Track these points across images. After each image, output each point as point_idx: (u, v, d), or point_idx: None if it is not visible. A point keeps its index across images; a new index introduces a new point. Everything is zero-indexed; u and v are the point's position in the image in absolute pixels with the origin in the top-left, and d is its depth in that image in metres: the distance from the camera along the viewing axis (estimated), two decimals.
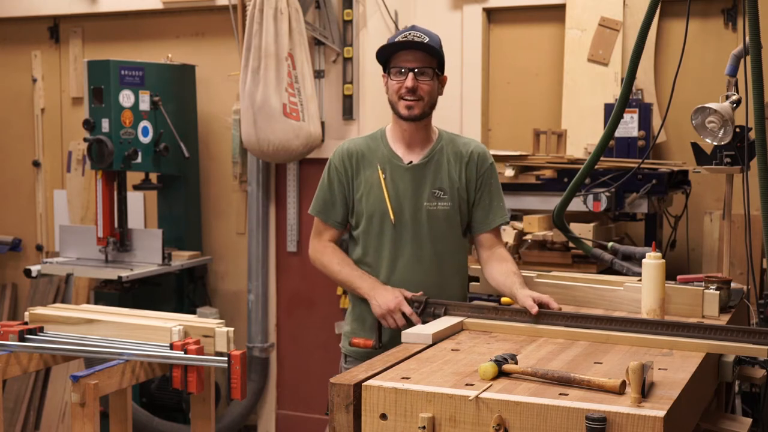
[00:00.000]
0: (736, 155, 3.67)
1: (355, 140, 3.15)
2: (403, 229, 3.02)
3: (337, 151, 3.12)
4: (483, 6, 5.09)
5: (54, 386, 5.72)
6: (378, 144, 3.09)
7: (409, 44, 2.93)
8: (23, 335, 3.22)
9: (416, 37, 2.93)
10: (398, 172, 3.03)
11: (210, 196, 5.74)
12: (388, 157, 3.06)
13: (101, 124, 4.95)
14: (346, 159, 3.07)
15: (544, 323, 2.66)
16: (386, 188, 3.01)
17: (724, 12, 4.72)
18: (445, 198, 3.03)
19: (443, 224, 3.04)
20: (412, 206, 3.02)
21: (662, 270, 2.73)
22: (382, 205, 3.01)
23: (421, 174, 3.03)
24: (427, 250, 3.03)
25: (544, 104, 5.09)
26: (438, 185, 3.03)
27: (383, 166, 3.04)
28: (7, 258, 6.40)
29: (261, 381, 5.35)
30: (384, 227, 3.03)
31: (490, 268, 3.05)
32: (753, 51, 2.69)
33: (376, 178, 3.03)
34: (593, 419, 1.87)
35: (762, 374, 2.80)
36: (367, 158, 3.06)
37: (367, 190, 3.04)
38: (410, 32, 2.95)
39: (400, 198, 3.02)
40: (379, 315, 2.93)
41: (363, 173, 3.06)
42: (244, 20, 4.90)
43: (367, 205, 3.04)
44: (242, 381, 3.02)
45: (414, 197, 3.02)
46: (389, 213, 3.00)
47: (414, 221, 3.02)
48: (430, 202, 3.02)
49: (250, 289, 5.32)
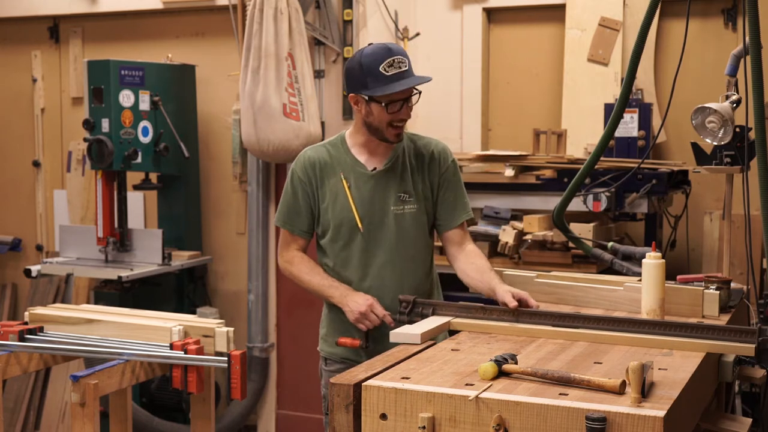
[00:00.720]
0: (736, 155, 3.67)
1: (316, 148, 3.11)
2: (372, 236, 3.02)
3: (299, 161, 3.09)
4: (483, 6, 5.09)
5: (54, 386, 5.72)
6: (339, 152, 3.07)
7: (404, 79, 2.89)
8: (23, 335, 3.22)
9: (402, 64, 2.88)
10: (362, 179, 3.02)
11: (210, 196, 5.74)
12: (351, 165, 3.04)
13: (101, 124, 4.95)
14: (309, 168, 3.05)
15: (537, 323, 2.66)
16: (351, 197, 3.01)
17: (724, 12, 4.72)
18: (411, 201, 3.04)
19: (411, 227, 3.05)
20: (379, 212, 3.02)
21: (662, 270, 2.73)
22: (348, 214, 3.01)
23: (385, 179, 3.03)
24: (397, 254, 3.03)
25: (544, 104, 5.09)
26: (403, 189, 3.03)
27: (347, 174, 3.03)
28: (7, 258, 6.40)
29: (261, 381, 5.35)
30: (352, 235, 3.03)
31: (462, 265, 3.05)
32: (753, 51, 2.68)
33: (341, 187, 3.02)
34: (593, 419, 1.87)
35: (762, 374, 2.80)
36: (330, 167, 3.05)
37: (333, 199, 3.03)
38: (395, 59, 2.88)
39: (366, 205, 3.01)
40: (353, 320, 2.95)
41: (327, 182, 3.04)
42: (244, 20, 4.90)
43: (333, 215, 3.03)
44: (242, 381, 3.03)
45: (380, 203, 3.02)
46: (356, 221, 3.00)
47: (382, 227, 3.02)
48: (397, 206, 3.02)
49: (250, 289, 5.32)
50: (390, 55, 2.88)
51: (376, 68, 2.87)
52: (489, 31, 5.21)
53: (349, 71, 2.95)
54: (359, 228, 3.01)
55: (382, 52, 2.89)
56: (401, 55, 2.90)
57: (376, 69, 2.87)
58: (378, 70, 2.87)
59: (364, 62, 2.89)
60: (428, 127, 4.96)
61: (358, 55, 2.93)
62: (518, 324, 2.68)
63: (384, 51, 2.89)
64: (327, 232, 3.07)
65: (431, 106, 5.20)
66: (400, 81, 2.88)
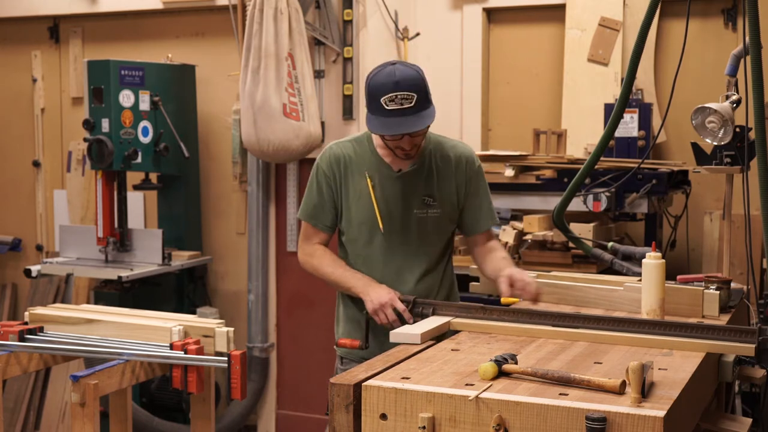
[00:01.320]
0: (736, 155, 3.67)
1: (342, 144, 3.09)
2: (393, 237, 3.01)
3: (325, 155, 3.07)
4: (483, 6, 5.09)
5: (54, 386, 5.72)
6: (365, 149, 3.04)
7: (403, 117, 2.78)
8: (23, 335, 3.22)
9: (405, 101, 2.76)
10: (387, 180, 3.00)
11: (210, 196, 5.74)
12: (376, 164, 3.02)
13: (101, 124, 4.95)
14: (334, 164, 3.03)
15: (537, 323, 2.66)
16: (375, 197, 2.98)
17: (724, 12, 4.72)
18: (435, 204, 3.02)
19: (433, 231, 3.03)
20: (402, 214, 3.00)
21: (662, 270, 2.73)
22: (371, 214, 2.99)
23: (410, 182, 3.00)
24: (416, 257, 3.02)
25: (544, 104, 5.09)
26: (428, 192, 3.01)
27: (371, 174, 3.00)
28: (7, 258, 6.40)
29: (261, 381, 5.35)
30: (373, 235, 3.01)
31: (481, 260, 3.13)
32: (753, 51, 2.68)
33: (365, 186, 3.00)
34: (593, 419, 1.87)
35: (762, 374, 2.80)
36: (355, 164, 3.02)
37: (356, 198, 3.01)
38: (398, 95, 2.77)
39: (389, 206, 3.00)
40: (371, 310, 2.90)
41: (351, 180, 3.02)
42: (244, 20, 4.90)
43: (356, 214, 3.02)
44: (242, 381, 3.02)
45: (404, 205, 3.00)
46: (378, 222, 2.98)
47: (404, 229, 3.01)
48: (420, 210, 3.00)
49: (250, 289, 5.32)
50: (396, 90, 2.77)
51: (378, 99, 2.79)
52: (489, 31, 5.21)
53: (366, 87, 2.87)
54: (380, 229, 2.99)
55: (389, 83, 2.78)
56: (408, 91, 2.77)
57: (378, 100, 2.79)
58: (380, 102, 2.78)
59: (371, 89, 2.82)
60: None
61: (371, 74, 2.85)
62: (518, 324, 2.68)
63: (391, 84, 2.77)
64: (348, 230, 3.06)
65: None
66: (397, 118, 2.78)
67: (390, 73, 2.79)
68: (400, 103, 2.77)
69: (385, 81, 2.79)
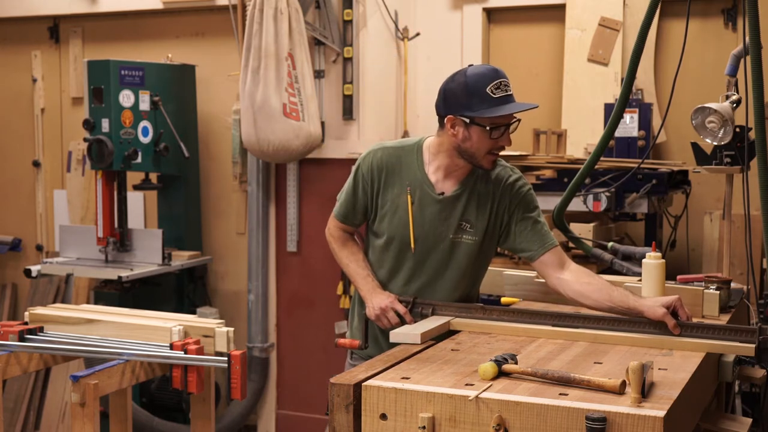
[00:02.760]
0: (736, 155, 3.67)
1: (388, 149, 2.97)
2: (423, 258, 2.95)
3: (368, 158, 2.98)
4: (483, 6, 5.09)
5: (54, 386, 5.72)
6: (412, 160, 2.95)
7: (510, 103, 2.76)
8: (23, 335, 3.22)
9: (507, 88, 2.75)
10: (428, 200, 2.92)
11: (210, 196, 5.74)
12: (420, 181, 2.92)
13: (101, 124, 4.95)
14: (375, 170, 2.95)
15: (537, 323, 2.66)
16: (412, 215, 2.91)
17: (724, 12, 4.72)
18: (471, 231, 2.92)
19: (464, 256, 2.94)
20: (436, 237, 2.93)
21: (662, 270, 2.73)
22: (404, 231, 2.92)
23: (451, 206, 2.92)
24: (442, 279, 2.97)
25: (544, 104, 5.08)
26: (466, 217, 2.92)
27: (413, 189, 2.92)
28: (7, 258, 6.40)
29: (261, 381, 5.35)
30: (403, 252, 2.96)
31: (577, 288, 2.79)
32: (753, 51, 2.68)
33: (404, 201, 2.92)
34: (593, 419, 1.87)
35: (762, 374, 2.80)
36: (398, 174, 2.94)
37: (393, 210, 2.95)
38: (502, 81, 2.74)
39: (425, 227, 2.92)
40: (373, 316, 2.91)
41: (391, 190, 2.95)
42: (244, 20, 4.90)
43: (390, 226, 2.95)
44: (242, 381, 3.02)
45: (440, 228, 2.92)
46: (410, 241, 2.92)
47: (435, 251, 2.94)
48: (456, 235, 2.92)
49: (250, 289, 5.32)
50: (498, 77, 2.73)
51: (483, 89, 2.72)
52: (489, 31, 5.21)
53: (450, 92, 2.78)
54: (411, 248, 2.94)
55: (489, 73, 2.75)
56: (507, 78, 2.76)
57: (483, 90, 2.72)
58: (485, 91, 2.72)
59: (470, 82, 2.74)
60: (429, 128, 4.93)
61: (462, 75, 2.77)
62: (518, 324, 2.68)
63: (492, 72, 2.75)
64: (378, 238, 3.01)
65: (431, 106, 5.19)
66: (508, 104, 2.74)
67: (483, 67, 2.79)
68: (505, 90, 2.75)
69: (483, 71, 2.76)
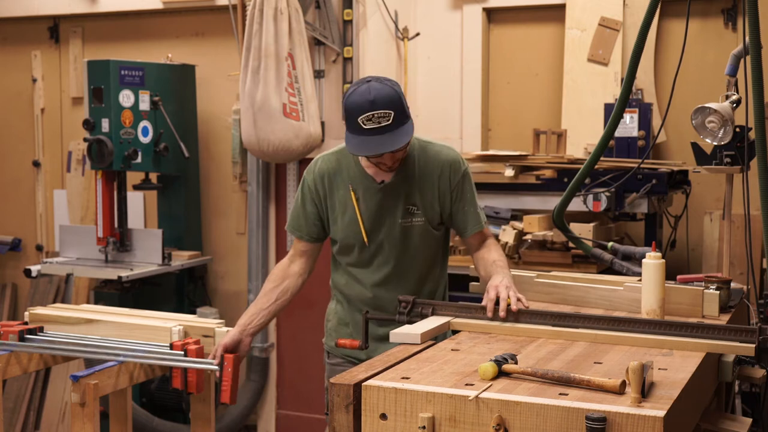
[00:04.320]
0: (736, 155, 3.67)
1: (327, 157, 3.07)
2: (379, 249, 3.00)
3: (310, 170, 3.06)
4: (483, 6, 5.09)
5: (54, 386, 5.72)
6: (349, 161, 3.02)
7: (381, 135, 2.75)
8: (23, 335, 3.21)
9: (383, 119, 2.73)
10: (370, 192, 2.98)
11: (210, 196, 5.74)
12: (359, 177, 2.99)
13: (101, 124, 4.95)
14: (318, 180, 3.03)
15: (537, 323, 2.66)
16: (359, 209, 2.97)
17: (724, 12, 4.72)
18: (419, 213, 2.99)
19: (418, 239, 3.01)
20: (387, 225, 2.99)
21: (662, 270, 2.73)
22: (355, 228, 2.99)
23: (393, 192, 2.98)
24: (402, 266, 3.01)
25: (544, 104, 5.09)
26: (411, 201, 2.98)
27: (355, 186, 2.99)
28: (7, 258, 6.40)
29: (261, 381, 5.35)
30: (360, 246, 3.01)
31: (476, 263, 3.07)
32: (753, 51, 2.68)
33: (349, 199, 2.99)
34: (593, 419, 1.87)
35: (762, 374, 2.80)
36: (339, 177, 3.01)
37: (342, 211, 3.01)
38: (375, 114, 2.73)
39: (373, 218, 2.98)
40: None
41: (336, 193, 3.02)
42: (244, 20, 4.90)
43: (342, 226, 3.01)
44: (233, 384, 2.98)
45: (388, 216, 2.98)
46: (363, 235, 2.98)
47: (389, 239, 2.99)
48: (405, 219, 2.98)
49: (250, 289, 5.32)
50: (372, 109, 2.73)
51: (355, 118, 2.75)
52: (489, 31, 5.21)
53: (342, 104, 2.85)
54: (365, 242, 2.99)
55: (365, 103, 2.74)
56: (385, 109, 2.73)
57: (355, 119, 2.75)
58: (357, 121, 2.75)
59: (347, 106, 2.78)
60: (429, 127, 4.96)
61: (347, 93, 2.81)
62: (518, 324, 2.68)
63: (367, 103, 2.73)
64: (337, 242, 3.06)
65: (431, 106, 5.21)
66: (376, 137, 2.74)
67: (365, 92, 2.76)
68: (378, 122, 2.74)
69: (360, 100, 2.75)
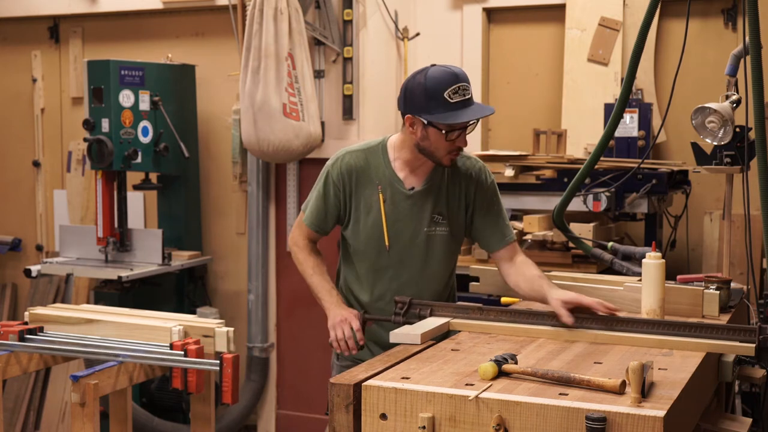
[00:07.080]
0: (736, 155, 3.66)
1: (354, 152, 3.01)
2: (399, 254, 2.97)
3: (336, 164, 3.00)
4: (483, 6, 5.09)
5: (54, 386, 5.72)
6: (378, 160, 2.97)
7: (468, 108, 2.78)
8: (23, 335, 3.22)
9: (466, 92, 2.77)
10: (399, 197, 2.95)
11: (210, 196, 5.74)
12: (389, 179, 2.96)
13: (101, 124, 4.95)
14: (345, 175, 2.97)
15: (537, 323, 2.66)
16: (385, 213, 2.94)
17: (724, 12, 4.72)
18: (444, 223, 2.98)
19: (439, 248, 2.99)
20: (411, 232, 2.96)
21: (662, 270, 2.73)
22: (379, 229, 2.95)
23: (422, 200, 2.96)
24: (422, 274, 2.99)
25: (544, 104, 5.09)
26: (438, 210, 2.97)
27: (384, 188, 2.95)
28: (7, 258, 6.40)
29: (261, 381, 5.36)
30: (380, 251, 2.98)
31: (514, 279, 2.98)
32: (753, 51, 2.68)
33: (376, 200, 2.95)
34: (593, 419, 1.87)
35: (762, 374, 2.80)
36: (367, 175, 2.96)
37: (366, 211, 2.97)
38: (460, 86, 2.76)
39: (398, 224, 2.96)
40: (330, 326, 2.93)
41: (362, 192, 2.97)
42: (244, 20, 4.90)
43: (364, 227, 2.98)
44: (234, 384, 2.99)
45: (414, 223, 2.96)
46: (385, 240, 2.95)
47: (411, 246, 2.97)
48: (430, 228, 2.96)
49: (250, 289, 5.32)
50: (456, 82, 2.76)
51: (441, 94, 2.75)
52: (489, 31, 5.21)
53: (410, 91, 2.81)
54: (386, 247, 2.96)
55: (448, 77, 2.76)
56: (466, 82, 2.78)
57: (441, 95, 2.75)
58: (443, 95, 2.75)
59: (429, 85, 2.76)
60: None
61: (422, 76, 2.79)
62: (518, 324, 2.68)
63: (450, 76, 2.76)
64: (355, 242, 3.02)
65: None
66: (465, 110, 2.77)
67: (443, 70, 2.79)
68: (463, 95, 2.77)
69: (442, 75, 2.77)
